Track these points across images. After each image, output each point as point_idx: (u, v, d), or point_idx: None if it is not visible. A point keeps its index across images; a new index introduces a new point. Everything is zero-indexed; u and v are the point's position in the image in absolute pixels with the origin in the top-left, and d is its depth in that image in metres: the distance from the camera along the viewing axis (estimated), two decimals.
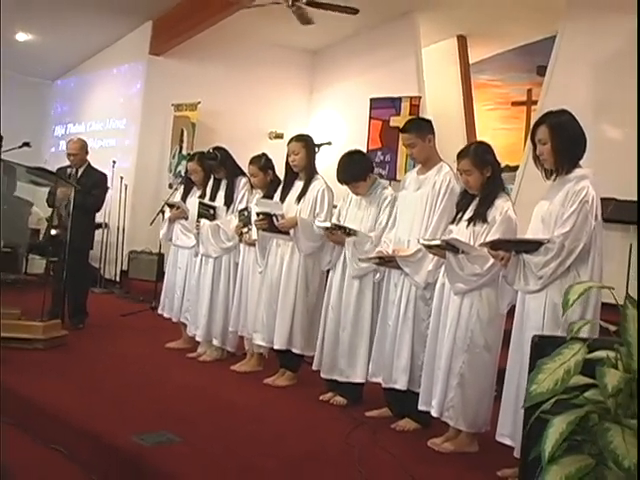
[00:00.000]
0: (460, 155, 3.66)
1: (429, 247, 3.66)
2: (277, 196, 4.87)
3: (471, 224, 3.58)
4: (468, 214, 3.63)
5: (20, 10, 8.95)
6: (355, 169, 4.37)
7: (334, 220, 4.54)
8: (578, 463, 1.82)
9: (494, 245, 3.22)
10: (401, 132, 4.18)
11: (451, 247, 3.50)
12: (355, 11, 8.00)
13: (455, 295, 3.56)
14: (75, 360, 5.08)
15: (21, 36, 9.89)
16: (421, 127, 4.09)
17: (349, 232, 4.31)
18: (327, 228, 4.43)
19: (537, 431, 1.96)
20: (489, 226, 3.52)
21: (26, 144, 5.86)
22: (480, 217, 3.56)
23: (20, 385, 4.26)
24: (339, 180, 4.45)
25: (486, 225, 3.53)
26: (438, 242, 3.58)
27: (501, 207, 3.54)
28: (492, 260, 3.38)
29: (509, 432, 3.15)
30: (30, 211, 8.49)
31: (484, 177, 3.59)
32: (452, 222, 3.73)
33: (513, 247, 3.16)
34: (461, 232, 3.60)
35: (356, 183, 4.38)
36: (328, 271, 4.66)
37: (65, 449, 3.53)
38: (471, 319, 3.51)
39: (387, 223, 4.28)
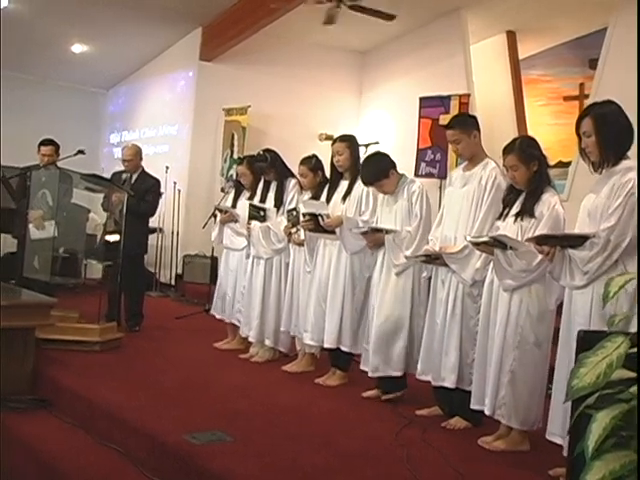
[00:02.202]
0: (505, 151, 3.63)
1: (476, 244, 3.64)
2: (324, 196, 4.90)
3: (518, 219, 3.55)
4: (515, 209, 3.60)
5: (76, 22, 9.21)
6: (374, 169, 4.43)
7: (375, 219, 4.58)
8: (622, 459, 1.78)
9: (539, 240, 3.18)
10: (446, 128, 4.17)
11: (499, 243, 3.48)
12: (391, 17, 8.00)
13: (504, 292, 3.53)
14: (130, 361, 5.19)
15: (77, 47, 10.19)
16: (466, 123, 4.08)
17: (386, 232, 4.34)
18: (364, 233, 4.47)
19: (582, 427, 1.93)
20: (537, 221, 3.49)
21: (80, 152, 6.01)
22: (527, 212, 3.53)
23: (78, 386, 4.39)
24: (363, 183, 4.57)
25: (534, 220, 3.50)
26: (486, 239, 3.56)
27: (548, 202, 3.50)
28: (541, 255, 3.34)
29: (559, 431, 3.10)
30: (88, 217, 8.69)
31: (530, 172, 3.55)
32: (499, 218, 3.70)
33: (558, 242, 3.11)
34: (508, 228, 3.58)
35: (379, 182, 4.43)
36: None
37: (122, 448, 3.62)
38: (521, 315, 3.47)
39: (422, 215, 4.32)
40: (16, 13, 8.80)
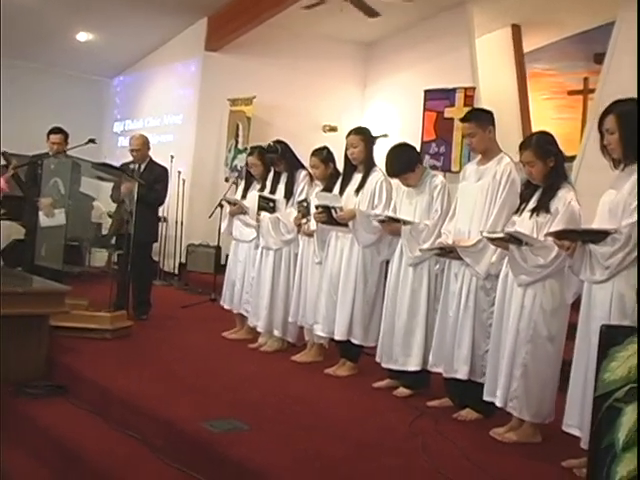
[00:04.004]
0: (522, 147, 3.66)
1: (492, 240, 3.68)
2: (336, 189, 4.93)
3: (534, 215, 3.59)
4: (531, 205, 3.64)
5: (81, 11, 9.20)
6: (402, 161, 4.44)
7: (390, 212, 4.60)
8: None
9: (559, 235, 3.22)
10: (462, 121, 4.21)
11: (514, 239, 3.52)
12: (375, 14, 7.97)
13: (518, 287, 3.57)
14: (142, 350, 5.24)
15: (82, 36, 10.18)
16: (482, 117, 4.11)
17: (404, 223, 4.37)
18: (382, 221, 4.50)
19: (608, 420, 1.98)
20: (552, 217, 3.52)
21: (91, 140, 6.03)
22: (543, 208, 3.57)
23: (93, 373, 4.44)
24: (388, 174, 4.57)
25: (549, 216, 3.54)
26: (501, 235, 3.60)
27: (564, 198, 3.54)
28: (556, 251, 3.39)
29: (576, 422, 3.15)
30: (92, 205, 8.72)
31: (547, 168, 3.59)
32: (515, 213, 3.74)
33: (579, 237, 3.15)
34: (524, 223, 3.62)
35: (405, 175, 4.45)
36: (387, 262, 4.73)
37: (139, 435, 3.67)
38: (534, 310, 3.52)
39: (442, 210, 4.34)
40: (22, 1, 8.78)
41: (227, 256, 6.79)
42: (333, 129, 10.04)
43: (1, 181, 4.52)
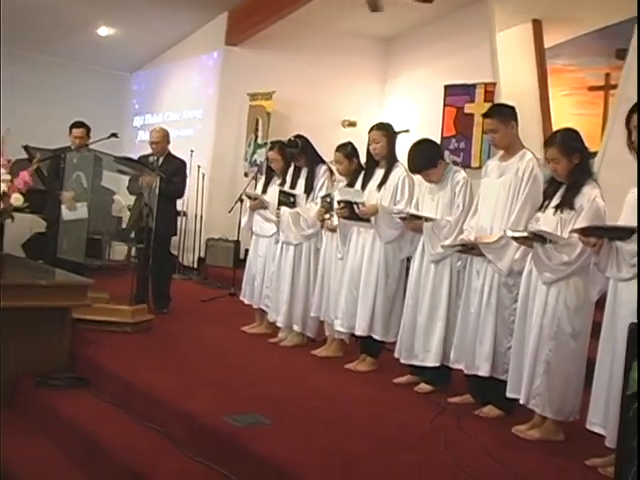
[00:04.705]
0: (547, 143, 3.64)
1: (515, 238, 3.67)
2: (359, 184, 4.93)
3: (558, 211, 3.57)
4: (555, 201, 3.62)
5: (102, 5, 9.24)
6: (425, 157, 4.42)
7: (412, 208, 4.59)
8: None
9: (585, 232, 3.21)
10: (484, 117, 4.19)
11: (538, 237, 3.50)
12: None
13: (542, 284, 3.55)
14: (162, 343, 5.26)
15: (103, 30, 10.20)
16: (505, 113, 4.08)
17: (426, 219, 4.36)
18: (403, 218, 4.50)
19: (637, 419, 1.97)
20: (577, 213, 3.50)
21: (114, 135, 6.06)
22: (567, 205, 3.55)
23: (115, 366, 4.47)
24: (411, 170, 4.56)
25: (573, 212, 3.52)
26: (525, 234, 3.58)
27: (589, 194, 3.52)
28: (580, 248, 3.37)
29: (600, 420, 3.13)
30: (112, 199, 8.76)
31: (572, 164, 3.57)
32: (539, 209, 3.72)
33: (605, 234, 3.13)
34: (548, 219, 3.60)
35: (427, 171, 4.44)
36: (409, 259, 4.72)
37: (161, 428, 3.68)
38: (558, 307, 3.50)
39: (464, 206, 4.32)
40: None
41: (246, 250, 6.82)
42: (352, 124, 10.03)
43: (25, 175, 4.55)
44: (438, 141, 8.75)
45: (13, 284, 4.47)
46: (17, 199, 4.47)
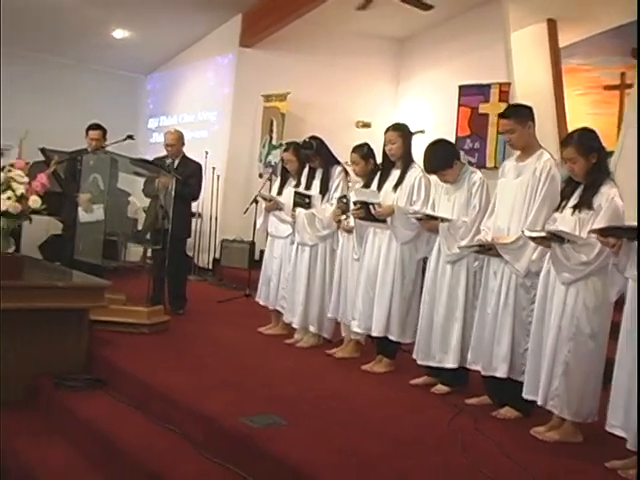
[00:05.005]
0: (564, 143, 3.63)
1: (533, 238, 3.65)
2: (375, 185, 4.92)
3: (576, 211, 3.55)
4: (573, 201, 3.60)
5: (117, 8, 9.29)
6: (440, 158, 4.41)
7: (428, 209, 4.58)
8: None
9: (604, 232, 3.18)
10: (500, 117, 4.18)
11: (556, 237, 3.48)
12: (429, 7, 7.97)
13: (561, 284, 3.53)
14: (179, 344, 5.27)
15: (118, 33, 10.26)
16: (521, 113, 4.06)
17: (442, 220, 4.35)
18: (419, 219, 4.49)
19: None
20: (595, 213, 3.48)
21: (130, 137, 6.08)
22: (585, 204, 3.53)
23: (133, 367, 4.48)
24: (427, 170, 4.55)
25: (592, 212, 3.50)
26: (543, 234, 3.57)
27: (607, 194, 3.49)
28: (598, 248, 3.35)
29: (621, 422, 3.11)
30: (128, 201, 8.79)
31: (589, 164, 3.55)
32: (557, 209, 3.70)
33: (624, 234, 3.11)
34: (566, 219, 3.58)
35: (443, 171, 4.42)
36: (425, 259, 4.71)
37: (179, 429, 3.69)
38: (577, 307, 3.48)
39: (480, 206, 4.30)
40: None
41: (261, 252, 6.83)
42: (367, 125, 10.04)
43: (43, 177, 4.57)
44: (453, 141, 8.80)
45: (31, 286, 4.50)
46: (35, 201, 4.48)
